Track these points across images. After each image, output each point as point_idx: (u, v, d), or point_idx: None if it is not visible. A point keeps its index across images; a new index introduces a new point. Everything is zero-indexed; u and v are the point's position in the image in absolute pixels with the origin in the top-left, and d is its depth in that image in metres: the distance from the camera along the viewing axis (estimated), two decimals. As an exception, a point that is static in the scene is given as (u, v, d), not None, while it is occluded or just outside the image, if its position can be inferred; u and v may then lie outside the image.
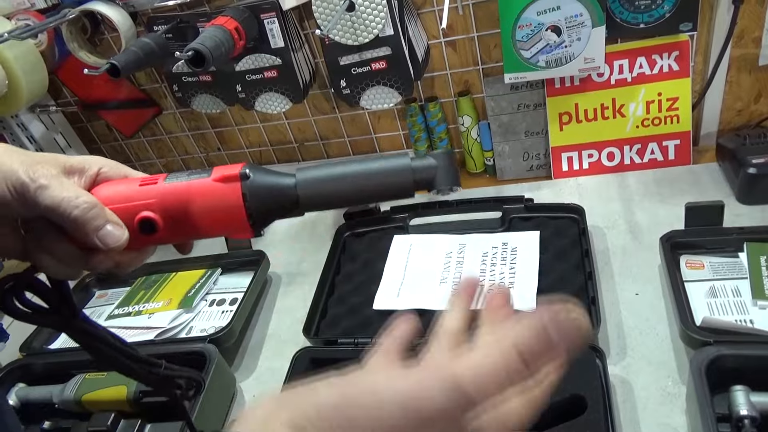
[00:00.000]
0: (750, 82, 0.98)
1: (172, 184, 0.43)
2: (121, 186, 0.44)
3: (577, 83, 1.00)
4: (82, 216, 0.40)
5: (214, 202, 0.42)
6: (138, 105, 1.21)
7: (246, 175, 0.42)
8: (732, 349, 0.62)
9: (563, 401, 0.65)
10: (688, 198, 0.83)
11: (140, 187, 0.43)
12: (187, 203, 0.42)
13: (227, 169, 0.43)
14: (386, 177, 0.42)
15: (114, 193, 0.44)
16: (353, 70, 0.96)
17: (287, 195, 0.42)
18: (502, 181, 1.12)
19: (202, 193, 0.42)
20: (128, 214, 0.43)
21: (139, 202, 0.43)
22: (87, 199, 0.41)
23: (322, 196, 0.42)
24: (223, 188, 0.42)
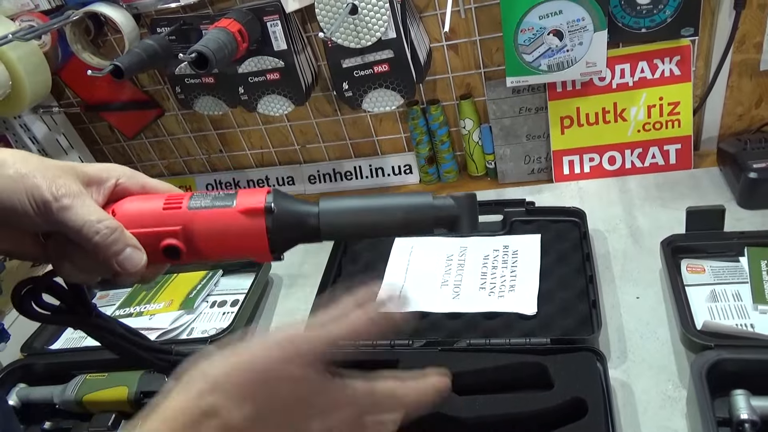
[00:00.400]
0: (751, 87, 0.99)
1: (198, 212, 0.43)
2: (145, 206, 0.44)
3: (578, 87, 1.00)
4: (103, 242, 0.41)
5: (238, 233, 0.43)
6: (140, 106, 1.21)
7: (271, 209, 0.43)
8: (733, 354, 0.62)
9: (564, 404, 0.65)
10: (689, 202, 0.83)
11: (165, 210, 0.44)
12: (211, 232, 0.43)
13: (252, 198, 0.43)
14: (407, 214, 0.44)
15: (138, 215, 0.44)
16: (355, 72, 0.96)
17: (309, 226, 0.44)
18: (503, 184, 1.12)
19: (227, 223, 0.43)
20: (153, 240, 0.43)
21: (164, 229, 0.43)
22: (109, 224, 0.41)
23: (343, 227, 0.44)
24: (249, 222, 0.43)
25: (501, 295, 0.84)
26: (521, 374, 0.71)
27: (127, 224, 0.43)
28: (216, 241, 0.44)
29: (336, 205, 0.44)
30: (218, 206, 0.43)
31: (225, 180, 1.31)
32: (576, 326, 0.76)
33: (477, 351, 0.74)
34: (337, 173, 1.24)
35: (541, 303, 0.81)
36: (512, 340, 0.74)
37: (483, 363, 0.71)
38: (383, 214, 0.44)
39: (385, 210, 0.44)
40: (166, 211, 0.44)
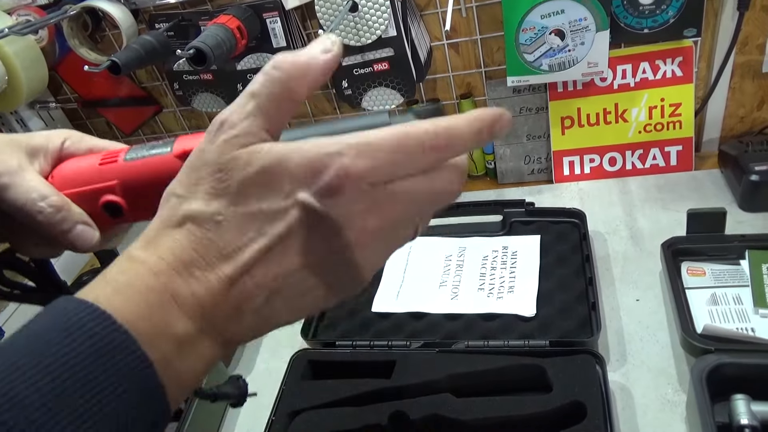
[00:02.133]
0: (753, 88, 0.98)
1: (133, 163, 0.40)
2: (81, 165, 0.41)
3: (579, 87, 0.99)
4: (48, 220, 0.38)
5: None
6: (138, 103, 1.20)
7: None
8: (733, 358, 0.62)
9: (562, 407, 0.64)
10: (689, 204, 0.83)
11: (101, 166, 0.40)
12: (149, 181, 0.40)
13: (189, 141, 0.40)
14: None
15: (74, 175, 0.41)
16: (355, 70, 0.95)
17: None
18: (503, 184, 1.11)
19: (163, 170, 0.39)
20: (91, 198, 0.40)
21: (100, 185, 0.40)
22: (53, 202, 0.38)
23: None
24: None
25: (500, 296, 0.83)
26: (519, 377, 0.70)
27: (64, 185, 0.40)
28: (156, 192, 0.38)
29: (296, 135, 0.39)
30: (155, 154, 0.40)
31: (223, 177, 1.30)
32: (575, 328, 0.75)
33: (475, 353, 0.73)
34: (336, 172, 1.23)
35: (540, 305, 0.80)
36: (511, 342, 0.74)
37: (481, 365, 0.71)
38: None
39: (344, 132, 0.42)
40: (102, 167, 0.40)
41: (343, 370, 0.77)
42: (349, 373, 0.76)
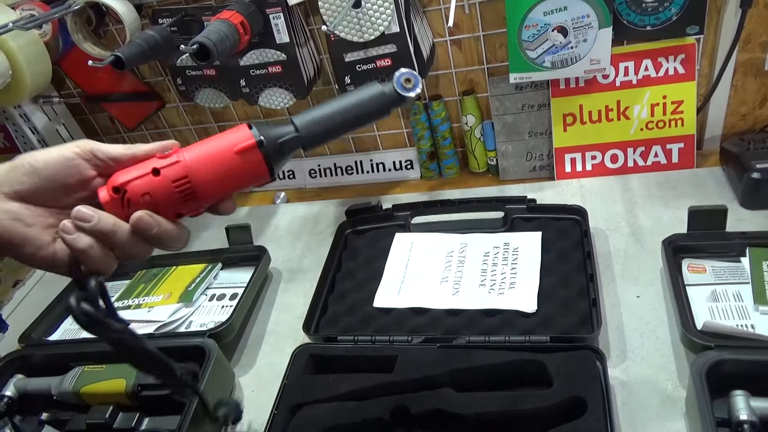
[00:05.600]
0: (755, 86, 0.98)
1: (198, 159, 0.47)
2: (155, 187, 0.47)
3: (582, 84, 1.00)
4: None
5: (240, 173, 0.48)
6: (141, 98, 1.21)
7: (261, 142, 0.47)
8: (733, 354, 0.62)
9: (563, 402, 0.65)
10: (691, 202, 0.83)
11: (176, 190, 0.47)
12: (220, 185, 0.48)
13: (239, 138, 0.48)
14: (366, 105, 0.50)
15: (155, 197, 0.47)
16: (358, 66, 0.96)
17: (294, 141, 0.49)
18: (504, 181, 1.11)
19: (228, 166, 0.48)
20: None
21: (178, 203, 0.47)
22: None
23: (320, 134, 0.50)
24: (246, 159, 0.48)
25: (501, 292, 0.83)
26: (520, 372, 0.70)
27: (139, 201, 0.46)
28: (220, 184, 0.48)
29: (308, 118, 0.50)
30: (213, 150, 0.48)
31: (225, 173, 1.31)
32: (576, 324, 0.76)
33: (476, 348, 0.73)
34: (338, 168, 1.23)
35: (541, 301, 0.80)
36: (512, 337, 0.74)
37: (482, 360, 0.71)
38: (348, 111, 0.50)
39: (349, 108, 0.50)
40: (178, 190, 0.47)
41: (345, 364, 0.77)
42: (350, 367, 0.76)
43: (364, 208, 1.02)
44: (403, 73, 0.50)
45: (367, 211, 1.02)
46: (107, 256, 0.45)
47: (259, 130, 0.48)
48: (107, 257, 0.45)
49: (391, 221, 1.01)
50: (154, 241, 0.46)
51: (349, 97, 0.50)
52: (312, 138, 0.49)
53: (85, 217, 0.43)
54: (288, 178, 1.27)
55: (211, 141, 0.48)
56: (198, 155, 0.47)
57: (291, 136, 0.49)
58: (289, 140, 0.48)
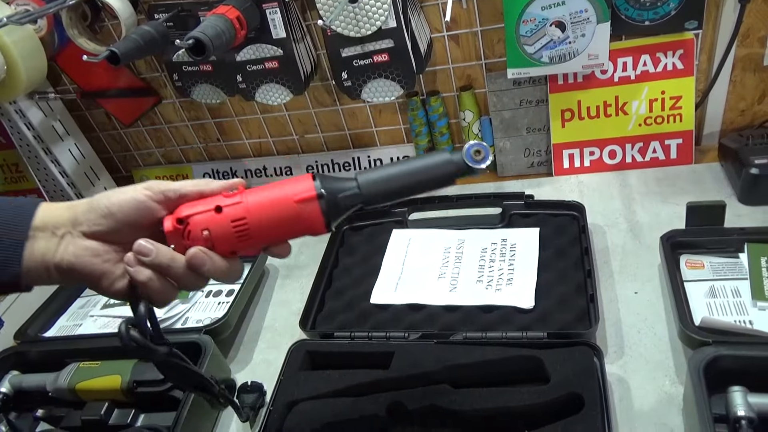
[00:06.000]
0: (754, 82, 0.98)
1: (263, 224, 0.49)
2: (215, 224, 0.49)
3: (580, 80, 0.99)
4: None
5: (297, 220, 0.49)
6: (137, 94, 1.20)
7: (322, 194, 0.49)
8: (730, 350, 0.62)
9: (560, 399, 0.64)
10: (689, 197, 0.82)
11: (234, 229, 0.49)
12: (276, 231, 0.50)
13: (301, 188, 0.49)
14: (432, 171, 0.50)
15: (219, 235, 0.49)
16: (355, 62, 0.95)
17: (354, 198, 0.50)
18: (502, 177, 1.11)
19: (289, 220, 0.49)
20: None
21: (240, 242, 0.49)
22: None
23: (381, 194, 0.50)
24: (304, 209, 0.49)
25: (498, 288, 0.83)
26: (517, 368, 0.70)
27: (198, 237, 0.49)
28: (276, 230, 0.49)
29: (372, 177, 0.50)
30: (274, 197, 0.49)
31: (222, 169, 1.30)
32: (573, 321, 0.76)
33: (473, 344, 0.73)
34: (336, 164, 1.23)
35: (539, 297, 0.80)
36: (509, 333, 0.74)
37: (479, 356, 0.71)
38: (412, 176, 0.50)
39: (414, 172, 0.50)
40: (237, 229, 0.49)
41: (341, 361, 0.77)
42: (347, 364, 0.76)
43: (361, 204, 1.01)
44: (473, 145, 0.49)
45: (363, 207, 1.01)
46: (167, 287, 0.49)
47: (322, 182, 0.49)
48: (167, 288, 0.49)
49: (389, 217, 1.01)
50: (207, 276, 0.49)
51: (416, 161, 0.50)
52: (372, 197, 0.50)
53: (145, 251, 0.47)
54: (285, 174, 1.27)
55: (275, 187, 0.50)
56: (259, 199, 0.49)
57: (351, 192, 0.49)
58: (349, 196, 0.49)
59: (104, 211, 0.48)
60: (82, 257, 0.47)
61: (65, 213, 0.49)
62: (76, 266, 0.47)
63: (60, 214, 0.49)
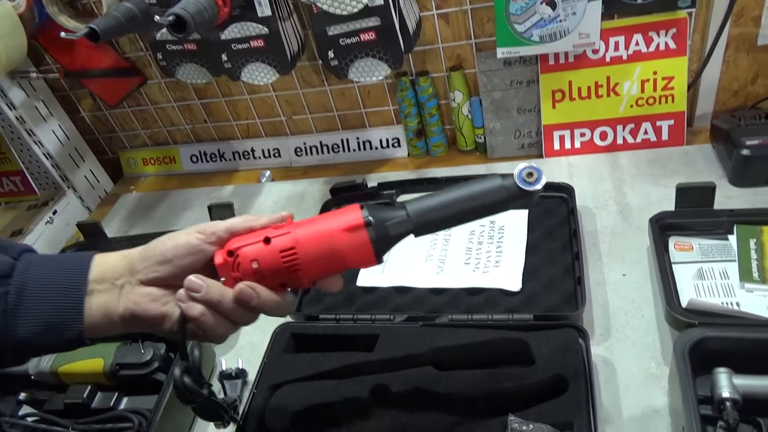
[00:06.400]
0: (748, 62, 0.96)
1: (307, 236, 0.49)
2: (264, 255, 0.49)
3: (571, 60, 0.97)
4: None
5: (346, 249, 0.49)
6: (122, 74, 1.18)
7: (370, 222, 0.49)
8: (716, 332, 0.61)
9: (544, 381, 0.64)
10: (680, 179, 0.81)
11: (282, 260, 0.49)
12: (325, 262, 0.50)
13: (349, 218, 0.49)
14: (484, 198, 0.49)
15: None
16: (341, 40, 0.93)
17: (403, 226, 0.49)
18: (492, 159, 1.10)
19: (338, 250, 0.49)
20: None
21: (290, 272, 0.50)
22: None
23: (431, 223, 0.49)
24: (353, 236, 0.49)
25: (486, 270, 0.82)
26: (503, 350, 0.69)
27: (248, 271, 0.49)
28: (326, 260, 0.49)
29: (422, 206, 0.49)
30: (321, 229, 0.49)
31: (210, 151, 1.29)
32: (560, 303, 0.75)
33: (459, 327, 0.72)
34: (324, 146, 1.21)
35: (526, 279, 0.79)
36: (495, 316, 0.73)
37: (465, 339, 0.70)
38: (463, 204, 0.49)
39: (464, 200, 0.49)
40: (285, 259, 0.49)
41: (326, 343, 0.76)
42: (332, 346, 0.75)
43: (349, 186, 1.00)
44: (524, 168, 0.48)
45: (351, 189, 1.00)
46: (220, 322, 0.50)
47: (370, 211, 0.49)
48: (220, 323, 0.50)
49: (376, 199, 1.00)
50: (257, 311, 0.50)
51: (467, 188, 0.49)
52: (422, 226, 0.49)
53: (195, 287, 0.48)
54: (273, 156, 1.25)
55: (323, 218, 0.50)
56: (307, 229, 0.49)
57: (400, 220, 0.49)
58: (397, 224, 0.49)
59: (160, 258, 0.49)
60: (142, 304, 0.49)
61: (121, 263, 0.50)
62: (138, 313, 0.49)
63: (116, 264, 0.50)
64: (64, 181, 1.24)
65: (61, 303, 0.48)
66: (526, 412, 0.61)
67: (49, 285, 0.48)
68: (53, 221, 1.19)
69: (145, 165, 1.35)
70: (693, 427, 0.53)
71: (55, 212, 1.20)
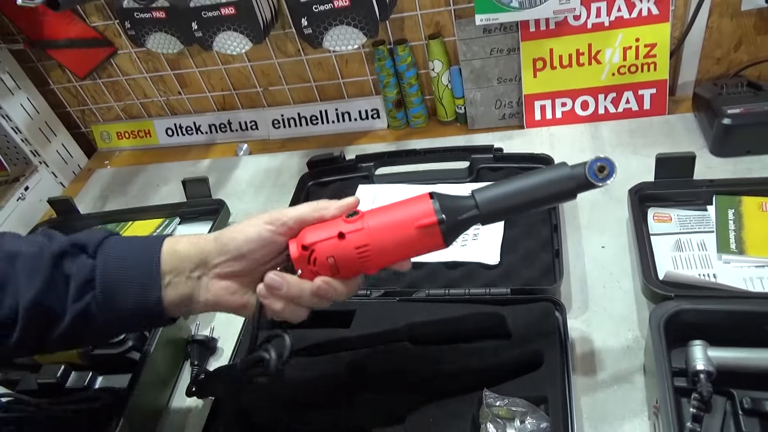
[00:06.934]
0: (731, 28, 0.94)
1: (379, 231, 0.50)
2: (340, 250, 0.50)
3: (552, 27, 0.95)
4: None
5: (419, 244, 0.50)
6: (90, 44, 1.14)
7: (442, 220, 0.49)
8: (692, 304, 0.61)
9: (520, 355, 0.63)
10: (661, 149, 0.80)
11: (357, 255, 0.50)
12: (397, 253, 0.51)
13: (421, 212, 0.50)
14: (551, 187, 0.49)
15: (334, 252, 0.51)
16: (315, 7, 0.90)
17: (474, 219, 0.50)
18: (473, 130, 1.08)
19: (408, 239, 0.50)
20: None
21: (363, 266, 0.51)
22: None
23: (499, 211, 0.50)
24: (426, 233, 0.50)
25: (464, 244, 0.81)
26: (479, 325, 0.69)
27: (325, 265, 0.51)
28: (398, 254, 0.51)
29: (490, 195, 0.50)
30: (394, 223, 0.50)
31: (185, 124, 1.25)
32: (538, 276, 0.74)
33: (436, 302, 0.72)
34: (302, 117, 1.18)
35: (505, 253, 0.78)
36: (472, 290, 0.72)
37: (441, 314, 0.69)
38: (530, 192, 0.49)
39: (532, 189, 0.49)
40: (361, 256, 0.50)
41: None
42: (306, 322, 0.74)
43: (326, 159, 0.98)
44: (597, 160, 0.48)
45: (329, 162, 0.98)
46: (298, 310, 0.53)
47: (441, 201, 0.50)
48: (298, 311, 0.53)
49: (355, 172, 0.98)
50: (332, 300, 0.53)
51: (535, 176, 0.50)
52: (491, 215, 0.50)
53: (276, 285, 0.51)
54: (251, 129, 1.22)
55: (393, 210, 0.51)
56: (380, 224, 0.50)
57: (472, 214, 0.50)
58: (468, 218, 0.50)
59: (235, 254, 0.51)
60: (223, 297, 0.52)
61: (193, 253, 0.52)
62: (220, 303, 0.52)
63: (188, 254, 0.52)
64: (35, 156, 1.21)
65: (142, 303, 0.50)
66: (501, 386, 0.61)
67: (128, 285, 0.50)
68: (25, 197, 1.16)
69: (120, 139, 1.31)
70: (667, 398, 0.53)
71: (26, 188, 1.17)
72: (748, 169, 0.84)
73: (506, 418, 0.58)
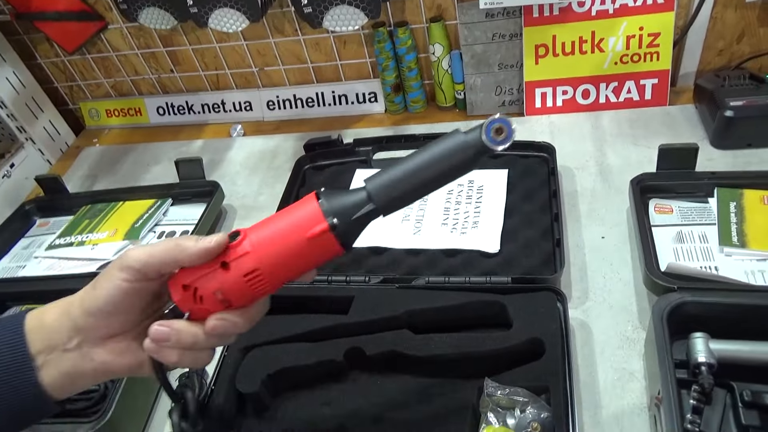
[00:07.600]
0: (735, 19, 0.94)
1: (275, 262, 0.44)
2: (226, 281, 0.44)
3: (556, 13, 0.94)
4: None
5: (313, 255, 0.44)
6: (80, 17, 1.10)
7: (334, 225, 0.43)
8: (695, 296, 0.60)
9: (521, 344, 0.63)
10: (662, 140, 0.80)
11: (248, 283, 0.44)
12: (293, 270, 0.45)
13: (309, 220, 0.43)
14: (448, 160, 0.43)
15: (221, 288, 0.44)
16: (315, -15, 0.87)
17: (370, 215, 0.44)
18: (472, 116, 1.06)
19: (299, 251, 0.44)
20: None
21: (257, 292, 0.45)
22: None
23: (397, 198, 0.44)
24: (319, 243, 0.43)
25: (464, 231, 0.80)
26: (480, 313, 0.68)
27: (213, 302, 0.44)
28: (293, 270, 0.45)
29: (382, 182, 0.44)
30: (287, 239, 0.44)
31: (178, 103, 1.22)
32: (538, 265, 0.74)
33: (435, 289, 0.71)
34: (298, 99, 1.16)
35: (505, 241, 0.78)
36: (472, 278, 0.71)
37: (441, 301, 0.69)
38: (428, 170, 0.44)
39: (429, 165, 0.44)
40: (249, 283, 0.44)
41: (300, 305, 0.74)
42: (305, 308, 0.73)
43: (323, 142, 0.96)
44: (493, 121, 0.42)
45: (326, 146, 0.96)
46: (201, 354, 0.46)
47: (329, 201, 0.44)
48: (200, 356, 0.46)
49: (352, 156, 0.96)
50: (235, 334, 0.47)
51: (429, 151, 0.44)
52: (389, 205, 0.44)
53: (163, 337, 0.44)
54: (245, 110, 1.20)
55: (279, 221, 0.45)
56: (267, 243, 0.44)
57: (367, 209, 0.44)
58: (365, 215, 0.44)
59: (102, 315, 0.44)
60: (112, 361, 0.45)
61: (62, 323, 0.44)
62: (111, 369, 0.45)
63: (57, 325, 0.44)
64: (21, 132, 1.17)
65: (15, 394, 0.43)
66: (502, 375, 0.61)
67: None
68: (11, 175, 1.13)
69: (109, 117, 1.28)
70: (669, 390, 0.53)
71: (12, 165, 1.14)
72: (747, 162, 0.84)
73: (507, 408, 0.58)
